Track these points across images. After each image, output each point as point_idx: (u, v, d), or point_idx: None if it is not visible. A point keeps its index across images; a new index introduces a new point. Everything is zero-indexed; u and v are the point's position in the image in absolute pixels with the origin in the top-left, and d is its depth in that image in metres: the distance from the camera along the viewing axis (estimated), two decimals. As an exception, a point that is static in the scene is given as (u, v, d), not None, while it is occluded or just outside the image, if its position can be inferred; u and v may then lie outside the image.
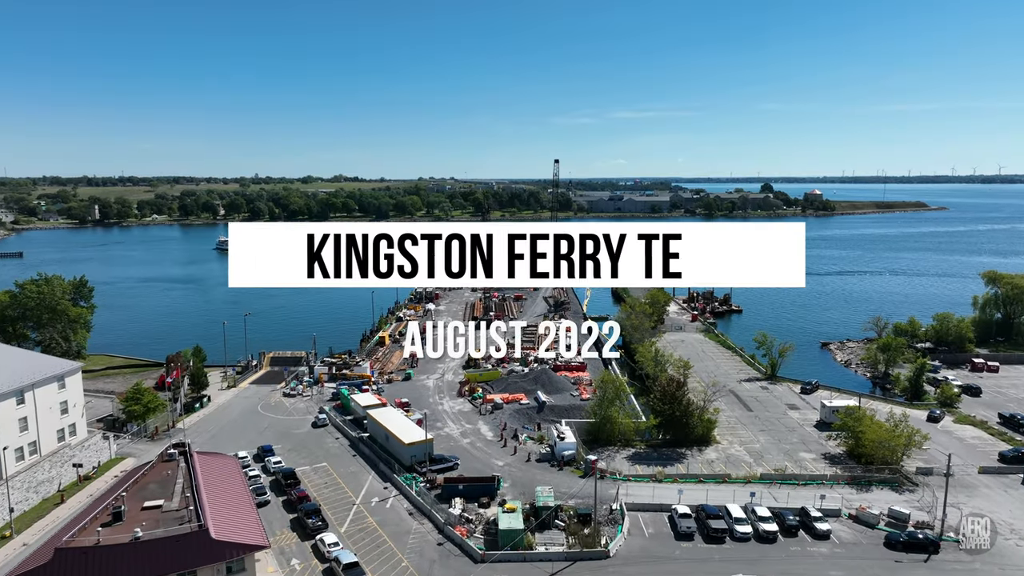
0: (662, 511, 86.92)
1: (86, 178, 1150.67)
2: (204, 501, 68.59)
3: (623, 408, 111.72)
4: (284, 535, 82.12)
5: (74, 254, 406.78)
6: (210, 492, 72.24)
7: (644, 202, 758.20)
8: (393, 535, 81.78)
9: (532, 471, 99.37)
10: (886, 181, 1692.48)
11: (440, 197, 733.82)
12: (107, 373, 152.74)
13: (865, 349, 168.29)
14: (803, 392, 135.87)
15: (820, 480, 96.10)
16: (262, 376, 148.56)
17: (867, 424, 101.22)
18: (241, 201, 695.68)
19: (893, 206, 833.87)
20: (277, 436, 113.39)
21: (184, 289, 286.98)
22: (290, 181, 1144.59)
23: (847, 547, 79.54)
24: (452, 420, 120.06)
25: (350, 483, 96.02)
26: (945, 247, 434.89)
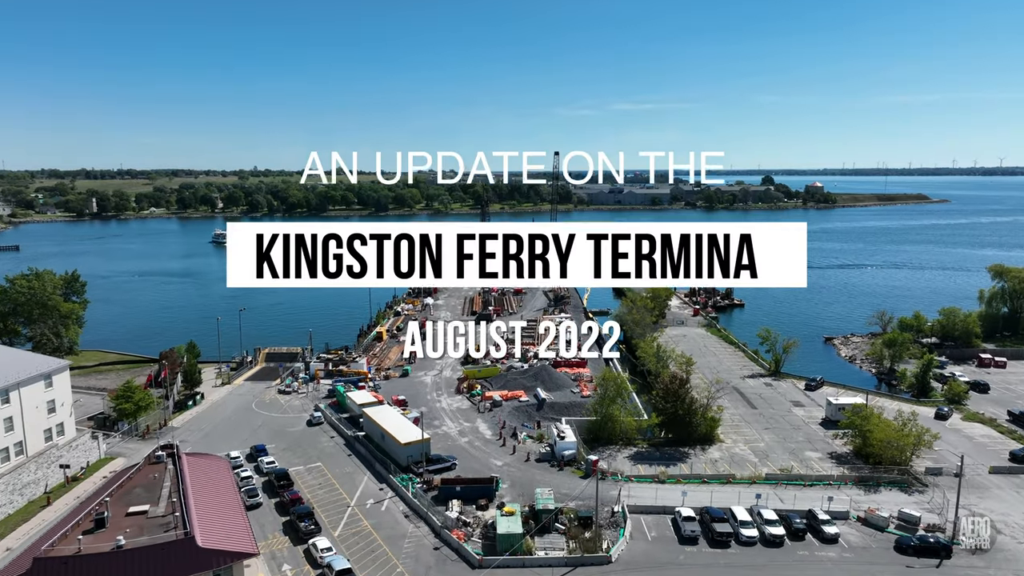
0: (665, 513, 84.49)
1: (84, 171, 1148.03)
2: (191, 506, 66.09)
3: (625, 406, 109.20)
4: (276, 539, 79.71)
5: (71, 247, 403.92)
6: (198, 496, 69.73)
7: (645, 195, 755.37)
8: (388, 539, 79.36)
9: (532, 471, 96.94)
10: (887, 173, 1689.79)
11: (439, 190, 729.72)
12: (100, 369, 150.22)
13: (870, 344, 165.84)
14: (808, 389, 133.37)
15: (827, 481, 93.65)
16: (257, 373, 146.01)
17: (875, 423, 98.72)
18: (239, 194, 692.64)
19: (895, 199, 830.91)
20: (271, 435, 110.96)
21: (180, 283, 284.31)
22: (289, 174, 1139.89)
23: (856, 552, 77.11)
24: (450, 418, 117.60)
25: (345, 484, 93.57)
26: (948, 240, 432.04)
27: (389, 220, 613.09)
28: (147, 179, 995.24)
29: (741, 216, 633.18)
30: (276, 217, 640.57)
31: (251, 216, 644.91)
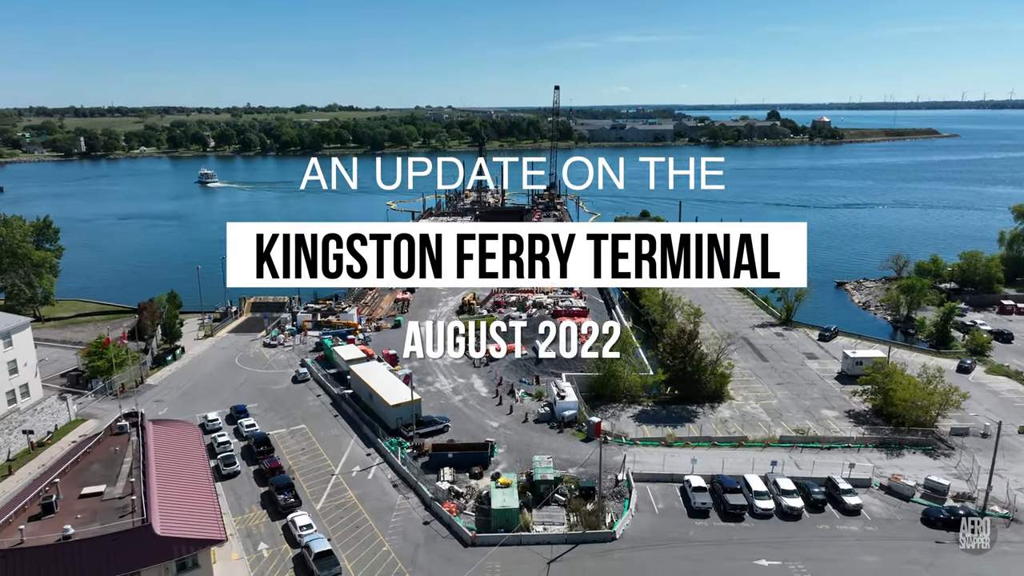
0: (673, 482, 78.41)
1: (73, 109, 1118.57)
2: (151, 487, 59.58)
3: (629, 361, 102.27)
4: (253, 513, 73.76)
5: (56, 188, 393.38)
6: (162, 474, 63.22)
7: (647, 131, 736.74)
8: (374, 512, 73.43)
9: (530, 433, 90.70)
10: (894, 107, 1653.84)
11: (436, 127, 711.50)
12: (77, 321, 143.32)
13: (885, 290, 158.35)
14: (821, 339, 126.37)
15: (846, 444, 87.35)
16: (242, 324, 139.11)
17: (898, 380, 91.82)
18: (231, 132, 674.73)
19: (903, 133, 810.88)
20: (254, 393, 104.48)
21: (166, 227, 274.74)
22: (283, 111, 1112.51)
23: (880, 524, 71.19)
24: (443, 373, 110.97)
25: (330, 449, 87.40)
26: (960, 177, 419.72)
27: (385, 157, 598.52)
28: (138, 117, 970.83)
29: (746, 153, 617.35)
30: (269, 156, 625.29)
31: (243, 155, 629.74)
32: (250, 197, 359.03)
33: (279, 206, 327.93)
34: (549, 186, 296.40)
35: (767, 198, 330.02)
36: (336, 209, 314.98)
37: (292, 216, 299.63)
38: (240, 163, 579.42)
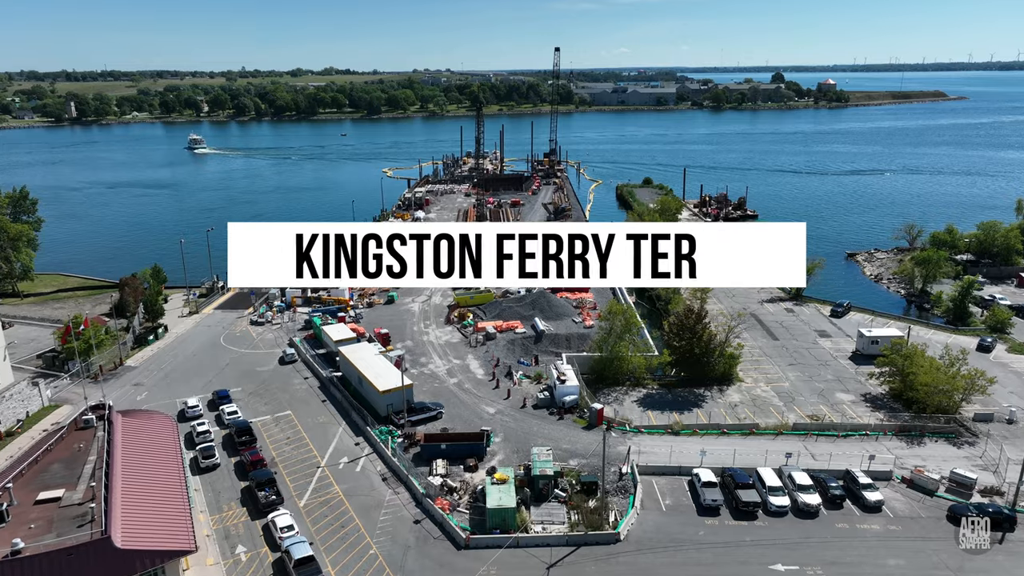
0: (681, 475, 73.52)
1: (65, 73, 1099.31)
2: (115, 492, 54.67)
3: (633, 342, 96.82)
4: (232, 511, 68.90)
5: (44, 156, 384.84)
6: (128, 476, 58.29)
7: (649, 94, 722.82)
8: (361, 510, 68.62)
9: (528, 420, 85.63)
10: (900, 69, 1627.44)
11: (434, 91, 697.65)
12: (58, 296, 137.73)
13: (898, 262, 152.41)
14: (833, 315, 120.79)
15: (863, 431, 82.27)
16: (229, 300, 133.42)
17: (918, 363, 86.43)
18: (225, 97, 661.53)
19: (910, 96, 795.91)
20: (238, 376, 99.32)
21: (155, 195, 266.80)
22: (279, 75, 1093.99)
23: (904, 523, 66.35)
24: (438, 354, 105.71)
25: (316, 438, 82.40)
26: (970, 141, 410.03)
27: (382, 123, 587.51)
28: (131, 81, 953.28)
29: (750, 117, 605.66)
30: (264, 121, 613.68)
31: (238, 120, 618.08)
32: (242, 165, 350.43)
33: (273, 173, 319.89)
34: (549, 152, 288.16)
35: (772, 164, 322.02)
36: (331, 176, 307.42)
37: (285, 183, 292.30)
38: (234, 128, 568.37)
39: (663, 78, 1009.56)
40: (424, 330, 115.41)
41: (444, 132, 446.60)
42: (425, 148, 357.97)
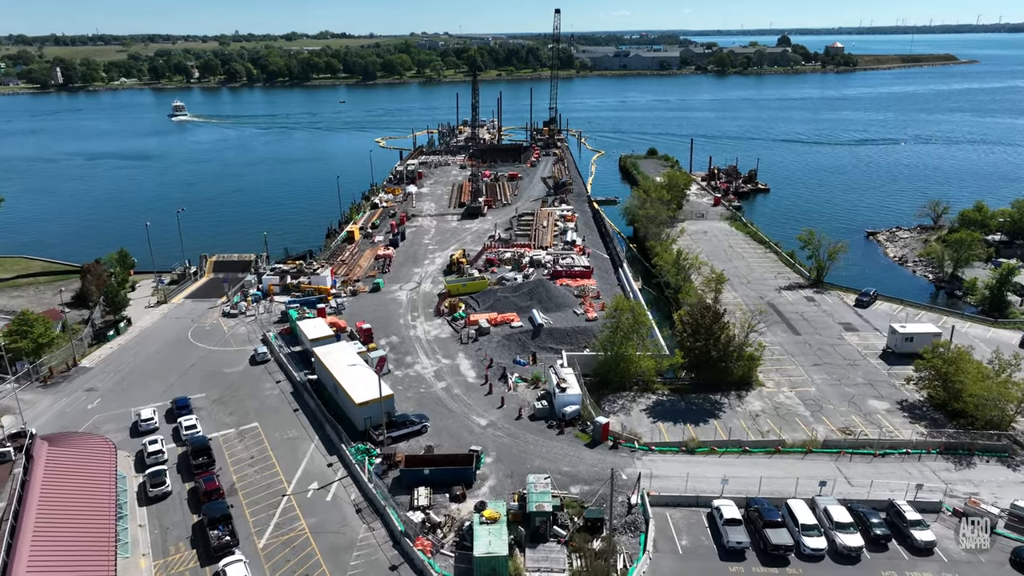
0: (699, 507, 64.02)
1: (54, 37, 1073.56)
2: (20, 554, 44.97)
3: (643, 342, 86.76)
4: (179, 555, 59.35)
5: (24, 125, 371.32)
6: (41, 526, 48.62)
7: (652, 58, 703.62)
8: (330, 552, 59.21)
9: (524, 435, 75.90)
10: (907, 32, 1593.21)
11: (431, 55, 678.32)
12: (16, 283, 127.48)
13: (923, 243, 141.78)
14: (858, 305, 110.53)
15: (903, 449, 72.52)
16: (201, 287, 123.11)
17: (965, 369, 76.38)
18: (216, 63, 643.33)
19: (920, 60, 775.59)
20: (203, 379, 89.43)
21: (134, 168, 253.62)
22: (273, 39, 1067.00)
23: (961, 569, 56.83)
24: (425, 352, 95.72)
25: (284, 457, 72.77)
26: (986, 108, 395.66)
27: (377, 89, 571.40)
28: (121, 46, 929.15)
29: (755, 82, 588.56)
30: (256, 87, 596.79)
31: (229, 86, 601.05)
32: (233, 134, 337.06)
33: (261, 143, 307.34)
34: (549, 121, 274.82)
35: (780, 132, 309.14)
36: (323, 147, 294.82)
37: (276, 153, 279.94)
38: (226, 95, 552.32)
39: (666, 42, 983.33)
40: (411, 323, 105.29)
41: (440, 99, 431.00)
42: (420, 116, 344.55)
